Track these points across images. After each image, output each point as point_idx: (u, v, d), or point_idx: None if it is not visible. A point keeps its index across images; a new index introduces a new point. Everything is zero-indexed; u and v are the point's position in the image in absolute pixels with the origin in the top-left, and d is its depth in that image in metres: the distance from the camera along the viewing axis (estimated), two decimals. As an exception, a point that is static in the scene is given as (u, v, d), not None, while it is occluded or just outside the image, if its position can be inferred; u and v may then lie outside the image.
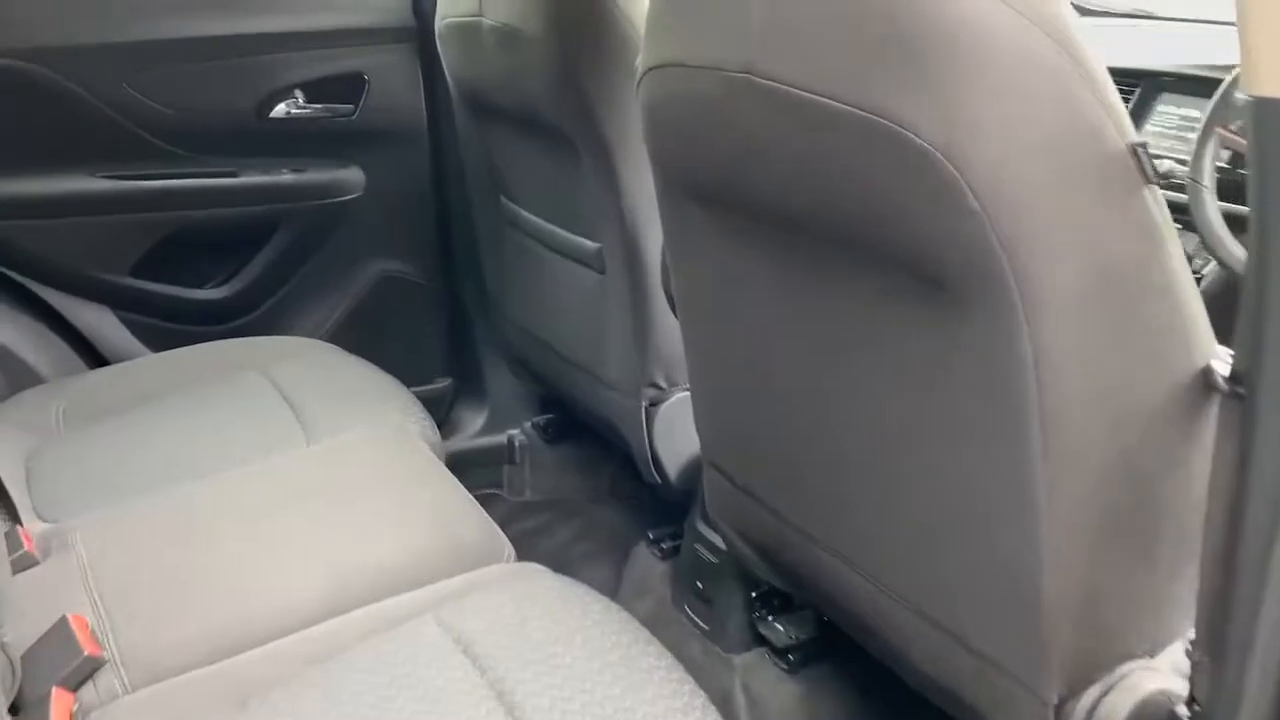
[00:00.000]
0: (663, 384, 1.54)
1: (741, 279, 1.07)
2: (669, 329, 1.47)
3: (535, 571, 1.15)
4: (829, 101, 0.79)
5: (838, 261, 0.91)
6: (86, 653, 0.98)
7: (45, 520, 1.29)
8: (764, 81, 0.84)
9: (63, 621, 1.02)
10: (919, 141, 0.74)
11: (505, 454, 2.14)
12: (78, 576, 1.14)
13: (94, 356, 1.82)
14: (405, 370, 1.99)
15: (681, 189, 1.09)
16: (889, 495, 0.99)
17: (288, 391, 1.53)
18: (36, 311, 1.77)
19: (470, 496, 1.28)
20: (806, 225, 0.92)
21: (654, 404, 1.55)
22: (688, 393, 1.35)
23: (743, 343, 1.12)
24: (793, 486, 1.15)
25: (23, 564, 1.17)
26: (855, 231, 0.86)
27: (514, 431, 2.14)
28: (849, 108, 0.78)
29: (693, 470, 1.55)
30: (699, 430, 1.30)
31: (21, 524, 1.24)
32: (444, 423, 2.13)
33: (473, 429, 2.14)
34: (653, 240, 1.44)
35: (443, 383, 2.11)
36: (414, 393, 2.00)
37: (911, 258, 0.82)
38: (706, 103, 0.93)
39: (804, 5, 0.80)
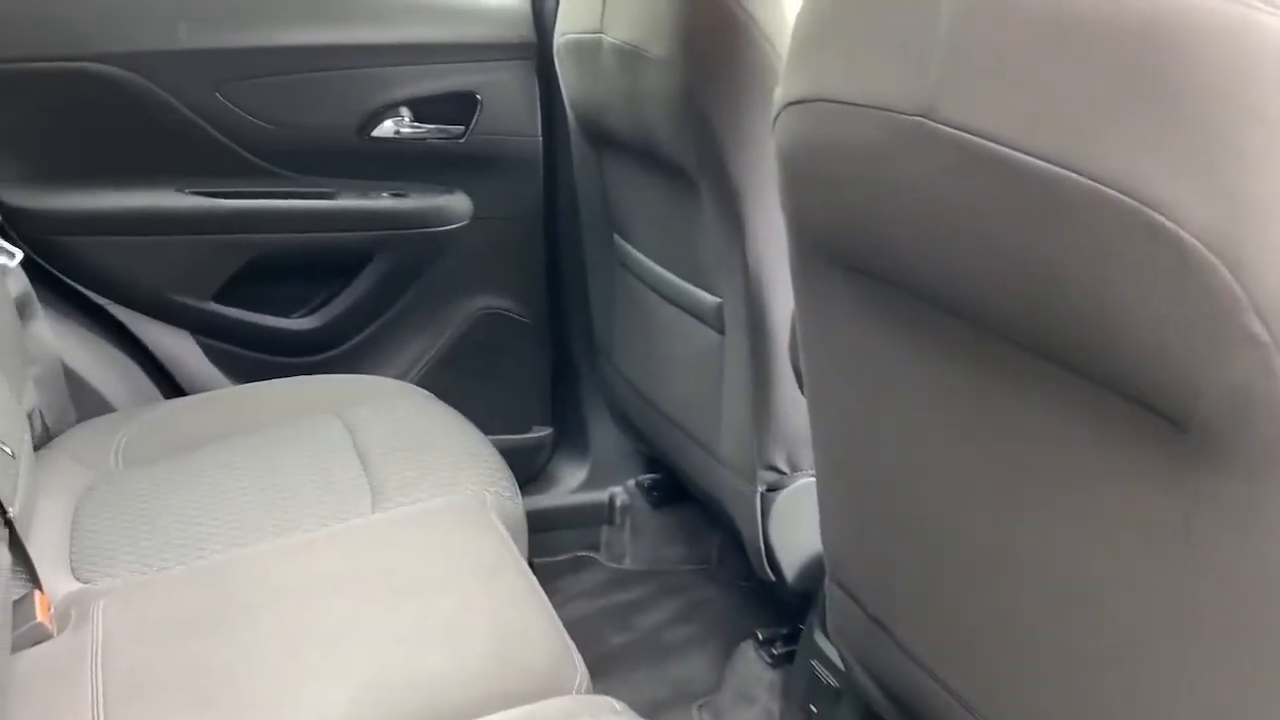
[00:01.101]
0: (783, 468, 1.31)
1: (890, 371, 0.84)
2: (795, 405, 1.25)
3: (611, 713, 0.93)
4: (1040, 163, 0.56)
5: (1028, 371, 0.68)
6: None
7: (80, 579, 1.15)
8: (948, 129, 0.62)
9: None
10: (1177, 231, 0.51)
11: (605, 513, 1.95)
12: (88, 656, 0.99)
13: (170, 385, 1.70)
14: (501, 416, 1.83)
15: (820, 251, 0.87)
16: (1074, 678, 0.74)
17: (362, 443, 1.37)
18: (112, 334, 1.66)
19: (543, 600, 1.08)
20: (987, 317, 0.69)
21: (772, 489, 1.33)
22: (812, 479, 1.13)
23: (886, 449, 0.89)
24: (939, 633, 0.91)
25: (33, 637, 1.03)
26: (1061, 337, 0.62)
27: (616, 489, 1.95)
28: (1070, 173, 0.55)
29: (813, 570, 1.33)
30: (824, 541, 1.07)
31: (41, 588, 1.09)
32: (540, 475, 1.96)
33: (572, 484, 1.95)
34: (781, 301, 1.22)
35: (542, 432, 1.93)
36: (510, 442, 1.85)
37: (1145, 385, 0.58)
38: (864, 150, 0.71)
39: (1015, 30, 0.57)
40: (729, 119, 1.18)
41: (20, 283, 1.51)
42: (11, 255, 1.48)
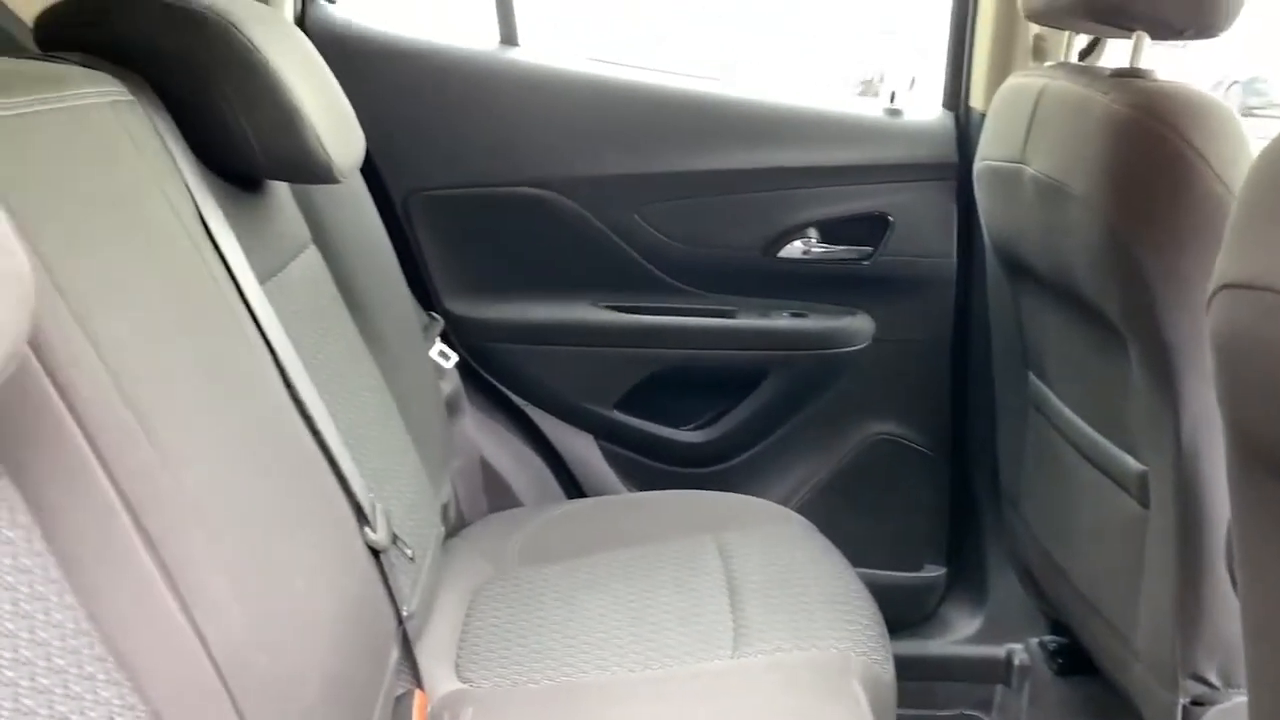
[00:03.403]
0: (1214, 680, 1.09)
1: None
2: (1232, 607, 1.03)
3: None
4: None
5: None
6: None
7: (462, 680, 1.22)
8: None
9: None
10: None
11: (1000, 672, 1.76)
12: (449, 769, 1.04)
13: (572, 483, 1.79)
14: (889, 551, 1.73)
15: (1262, 461, 0.70)
16: None
17: (734, 577, 1.34)
18: (526, 434, 1.78)
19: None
20: None
21: (1197, 703, 1.11)
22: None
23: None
24: None
25: (408, 735, 1.10)
26: None
27: (1015, 646, 1.75)
28: None
29: (1245, 808, 1.08)
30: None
31: (422, 688, 1.17)
32: (931, 618, 1.81)
33: (964, 633, 1.79)
34: (1220, 483, 1.02)
35: (934, 571, 1.79)
36: (897, 579, 1.73)
37: None
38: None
39: None
40: (1165, 269, 1.02)
41: (453, 382, 1.68)
42: (448, 358, 1.64)
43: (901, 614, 1.73)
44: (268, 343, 1.02)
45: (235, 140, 1.06)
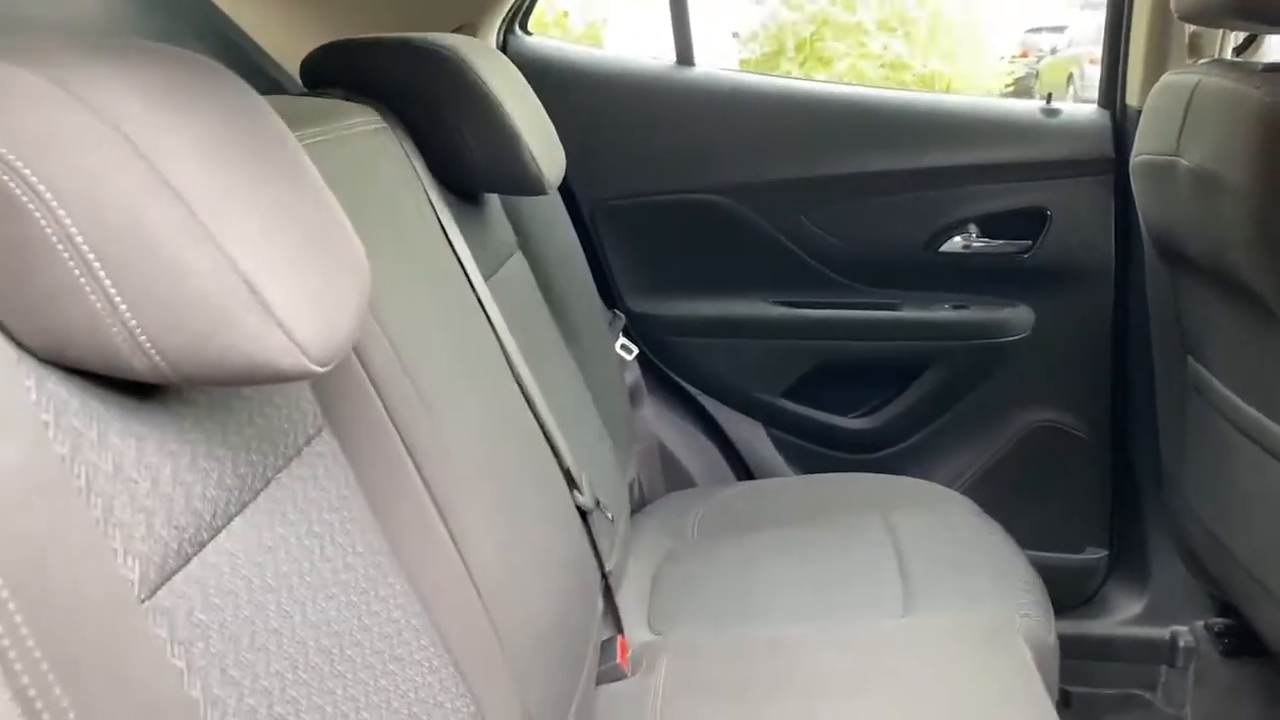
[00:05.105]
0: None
1: None
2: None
3: None
4: None
5: None
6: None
7: (653, 631, 1.37)
8: None
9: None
10: None
11: (1165, 653, 1.79)
12: (649, 702, 1.18)
13: (742, 467, 1.92)
14: (1050, 534, 1.80)
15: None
16: None
17: (902, 547, 1.44)
18: (699, 420, 1.92)
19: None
20: None
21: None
22: None
23: None
24: None
25: (611, 676, 1.25)
26: None
27: (1180, 629, 1.79)
28: None
29: None
30: None
31: (623, 632, 1.32)
32: (1091, 600, 1.86)
33: (1126, 614, 1.83)
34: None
35: (1095, 554, 1.85)
36: (1058, 560, 1.79)
37: None
38: None
39: None
40: (1318, 251, 1.08)
41: (634, 374, 1.84)
42: (630, 351, 1.80)
43: (1063, 596, 1.77)
44: (494, 331, 1.19)
45: (464, 158, 1.24)
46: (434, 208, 1.18)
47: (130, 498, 0.56)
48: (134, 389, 0.58)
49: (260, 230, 0.56)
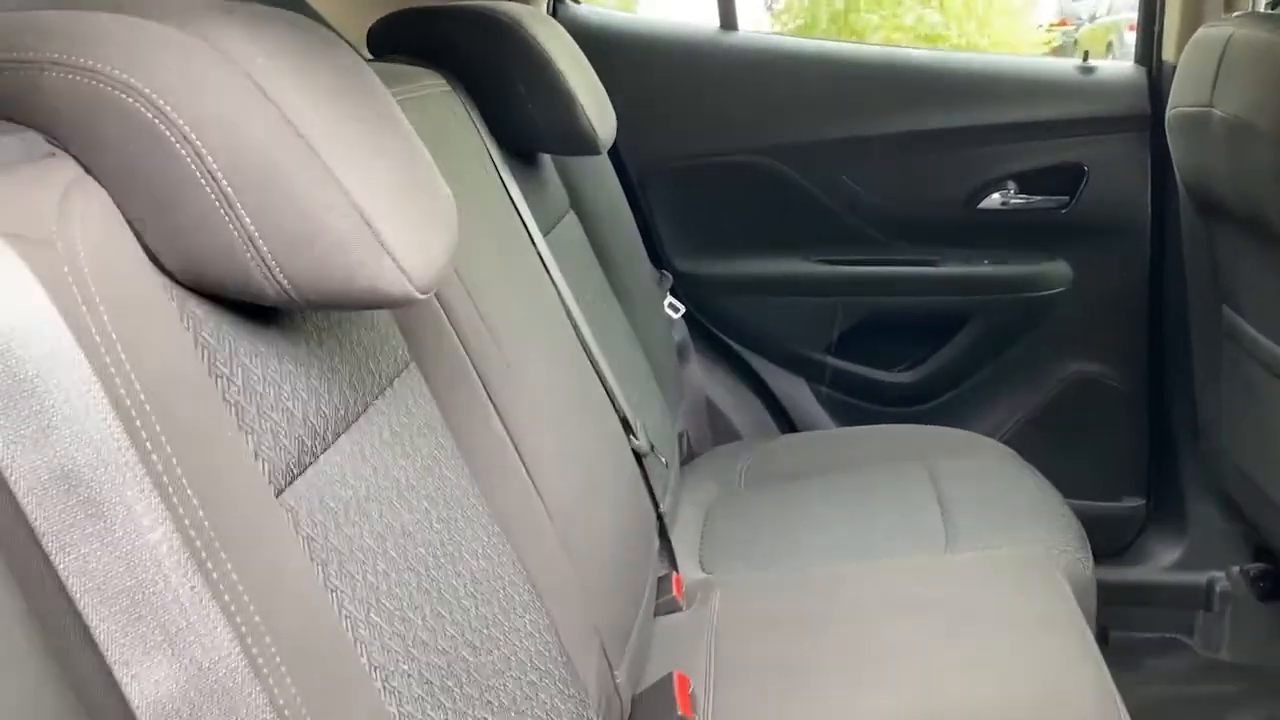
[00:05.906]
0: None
1: None
2: None
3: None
4: None
5: None
6: (679, 713, 1.06)
7: (705, 571, 1.43)
8: None
9: (668, 678, 1.12)
10: None
11: (1202, 598, 1.84)
12: (704, 633, 1.25)
13: (786, 421, 1.98)
14: (1090, 483, 1.84)
15: None
16: None
17: (943, 491, 1.49)
18: (744, 376, 1.99)
19: (1098, 660, 1.11)
20: None
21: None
22: None
23: None
24: None
25: (667, 608, 1.32)
26: None
27: (1216, 574, 1.83)
28: None
29: None
30: None
31: (678, 570, 1.39)
32: (1130, 547, 1.91)
33: (1164, 561, 1.88)
34: None
35: (1133, 502, 1.89)
36: (1097, 509, 1.84)
37: None
38: None
39: None
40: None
41: (681, 331, 1.90)
42: (677, 310, 1.86)
43: (1102, 544, 1.82)
44: (554, 284, 1.26)
45: (523, 119, 1.31)
46: (496, 167, 1.25)
47: (258, 409, 0.63)
48: (257, 314, 0.65)
49: (371, 172, 0.63)
